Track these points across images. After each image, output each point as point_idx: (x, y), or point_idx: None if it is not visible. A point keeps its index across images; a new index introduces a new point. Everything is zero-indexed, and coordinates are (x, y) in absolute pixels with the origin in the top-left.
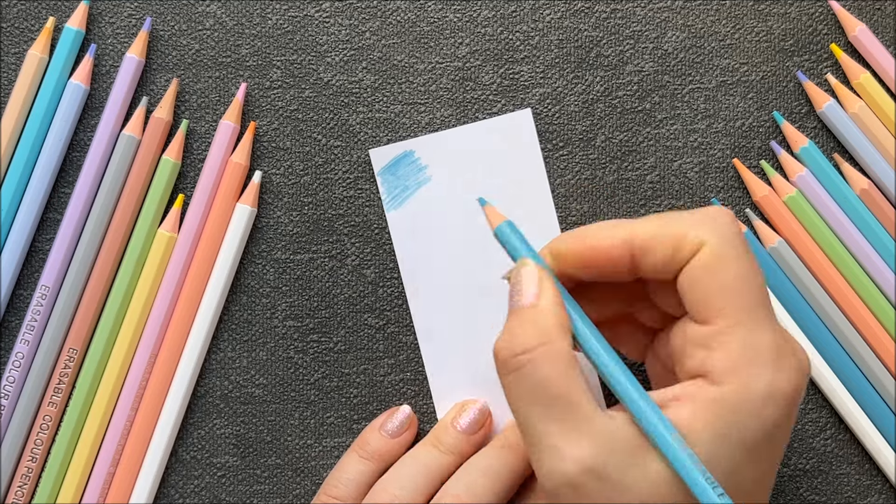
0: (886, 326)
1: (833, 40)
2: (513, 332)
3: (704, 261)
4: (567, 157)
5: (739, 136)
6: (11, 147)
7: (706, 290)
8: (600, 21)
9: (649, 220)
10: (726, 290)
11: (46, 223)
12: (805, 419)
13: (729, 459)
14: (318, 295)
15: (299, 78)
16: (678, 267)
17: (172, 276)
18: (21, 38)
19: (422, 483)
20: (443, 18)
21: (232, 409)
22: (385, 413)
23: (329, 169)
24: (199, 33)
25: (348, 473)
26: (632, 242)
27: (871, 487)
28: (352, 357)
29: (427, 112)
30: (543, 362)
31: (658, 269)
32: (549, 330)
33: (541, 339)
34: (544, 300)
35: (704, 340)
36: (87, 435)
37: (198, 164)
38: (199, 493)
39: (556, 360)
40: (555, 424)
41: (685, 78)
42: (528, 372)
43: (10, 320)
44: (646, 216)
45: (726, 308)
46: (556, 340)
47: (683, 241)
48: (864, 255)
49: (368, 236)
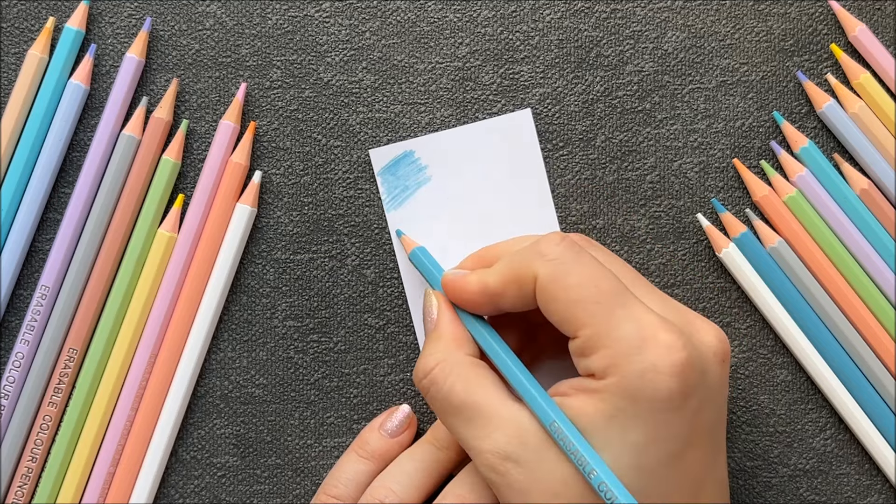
0: (886, 326)
1: (833, 40)
2: (421, 356)
3: (543, 289)
4: (567, 157)
5: (739, 136)
6: (11, 147)
7: (558, 313)
8: (600, 21)
9: (497, 267)
10: (572, 305)
11: (46, 223)
12: (805, 419)
13: (625, 439)
14: (318, 295)
15: (299, 78)
16: (531, 301)
17: (172, 276)
18: (21, 38)
19: (418, 479)
20: (443, 18)
21: (232, 409)
22: (384, 413)
23: (329, 169)
24: (199, 33)
25: (347, 473)
26: (485, 291)
27: (871, 487)
28: (352, 357)
29: (427, 112)
30: (442, 378)
31: (517, 306)
32: (447, 345)
33: (438, 357)
34: (441, 320)
35: (580, 350)
36: (87, 435)
37: (198, 164)
38: (199, 493)
39: (454, 372)
40: (468, 427)
41: (685, 78)
42: (435, 391)
43: (10, 320)
44: (499, 260)
45: (580, 319)
46: (453, 353)
47: (522, 279)
48: (864, 255)
49: (368, 236)
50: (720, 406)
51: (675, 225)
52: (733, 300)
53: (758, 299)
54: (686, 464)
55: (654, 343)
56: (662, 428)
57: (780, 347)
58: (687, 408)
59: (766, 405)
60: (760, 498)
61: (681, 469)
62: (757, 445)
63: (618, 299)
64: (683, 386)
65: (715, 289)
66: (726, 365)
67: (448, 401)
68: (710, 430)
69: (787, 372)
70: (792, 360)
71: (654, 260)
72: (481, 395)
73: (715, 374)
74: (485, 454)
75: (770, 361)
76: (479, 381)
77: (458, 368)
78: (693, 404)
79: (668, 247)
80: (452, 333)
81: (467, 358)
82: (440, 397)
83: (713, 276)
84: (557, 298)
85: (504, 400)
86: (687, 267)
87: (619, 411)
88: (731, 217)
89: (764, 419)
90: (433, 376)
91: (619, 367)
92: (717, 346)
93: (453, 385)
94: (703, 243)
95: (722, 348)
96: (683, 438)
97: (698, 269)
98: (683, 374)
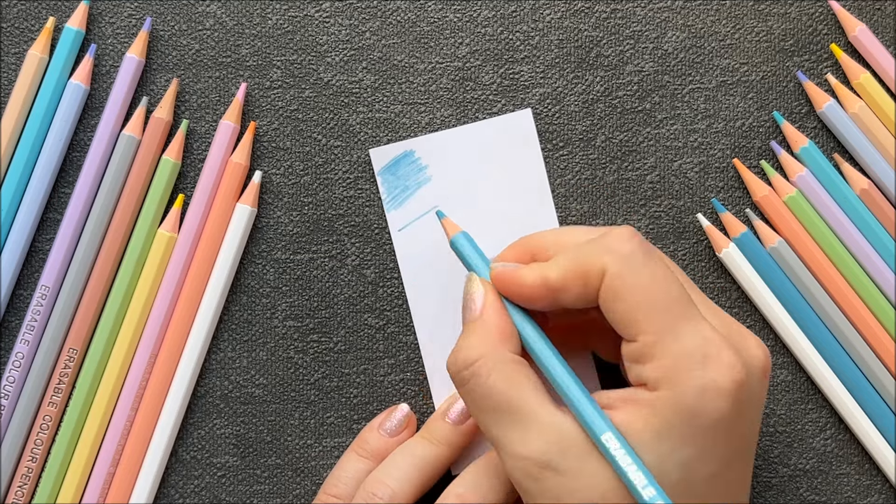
0: (886, 326)
1: (833, 40)
2: (460, 346)
3: (609, 287)
4: (567, 157)
5: (739, 136)
6: (11, 147)
7: (620, 313)
8: (600, 21)
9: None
10: (637, 308)
11: (46, 223)
12: (805, 419)
13: (674, 457)
14: (318, 295)
15: (299, 78)
16: (593, 298)
17: (172, 276)
18: (21, 38)
19: (413, 474)
20: (443, 18)
21: (232, 409)
22: (384, 412)
23: (329, 169)
24: (199, 33)
25: (348, 472)
26: (545, 284)
27: (871, 487)
28: (352, 357)
29: (427, 112)
30: (485, 373)
31: (577, 303)
32: (492, 339)
33: (481, 350)
34: (487, 311)
35: (635, 356)
36: (87, 435)
37: (198, 164)
38: (199, 493)
39: (496, 369)
40: (505, 428)
41: (685, 78)
42: (473, 385)
43: (10, 320)
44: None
45: (643, 323)
46: (497, 349)
47: (588, 275)
48: (864, 255)
49: (368, 236)
50: (759, 421)
51: (675, 225)
52: (733, 300)
53: (758, 299)
54: (728, 480)
55: (717, 361)
56: (712, 446)
57: (780, 347)
58: (737, 428)
59: (766, 405)
60: (760, 498)
61: (723, 485)
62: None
63: (685, 310)
64: (738, 406)
65: (715, 289)
66: (767, 379)
67: (488, 398)
68: (750, 446)
69: (787, 372)
70: (792, 360)
71: None
72: (523, 397)
73: (760, 390)
74: (521, 459)
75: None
76: (522, 380)
77: (502, 365)
78: (743, 423)
79: (668, 247)
80: (498, 326)
81: (511, 355)
82: (479, 393)
83: (713, 276)
84: (624, 298)
85: (545, 404)
86: (687, 267)
87: (670, 427)
88: (731, 217)
89: (764, 419)
90: (475, 369)
91: (676, 380)
92: (763, 361)
93: (495, 382)
94: (703, 243)
95: (767, 363)
96: (730, 456)
97: (698, 269)
98: (740, 394)
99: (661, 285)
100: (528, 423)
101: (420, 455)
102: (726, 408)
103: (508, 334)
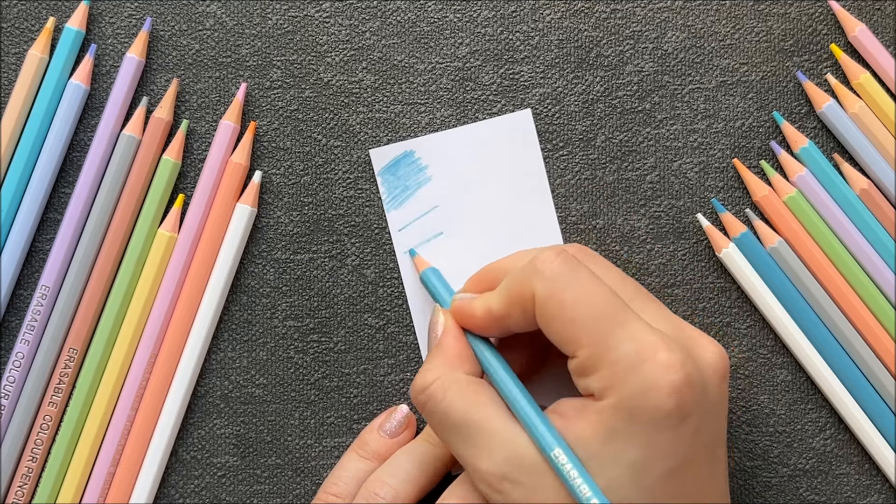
0: (886, 326)
1: (833, 40)
2: (419, 372)
3: (540, 308)
4: (567, 157)
5: (739, 136)
6: (11, 147)
7: (555, 333)
8: (600, 21)
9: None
10: (569, 324)
11: (46, 223)
12: (805, 419)
13: (622, 459)
14: (319, 295)
15: (299, 78)
16: (533, 320)
17: (172, 276)
18: (21, 38)
19: (414, 473)
20: (443, 18)
21: (232, 409)
22: (384, 413)
23: (329, 169)
24: (200, 33)
25: (348, 472)
26: (490, 316)
27: (871, 487)
28: (352, 357)
29: (427, 112)
30: (440, 394)
31: (524, 327)
32: (448, 362)
33: (437, 373)
34: (445, 338)
35: (578, 370)
36: (87, 435)
37: (198, 164)
38: (199, 493)
39: (451, 389)
40: (466, 445)
41: (685, 78)
42: (432, 406)
43: (10, 320)
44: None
45: (578, 339)
46: (453, 370)
47: (523, 300)
48: (864, 255)
49: (368, 236)
50: (720, 421)
51: (675, 225)
52: (733, 300)
53: (758, 299)
54: (685, 479)
55: (653, 363)
56: (660, 446)
57: (780, 347)
58: (685, 426)
59: (766, 405)
60: (760, 498)
61: (680, 485)
62: (757, 445)
63: (616, 318)
64: (681, 404)
65: (715, 289)
66: (726, 381)
67: (446, 417)
68: (709, 446)
69: (787, 372)
70: (792, 360)
71: (654, 260)
72: (479, 414)
73: (714, 391)
74: (482, 473)
75: (770, 361)
76: (478, 398)
77: (457, 385)
78: (692, 422)
79: (668, 247)
80: (454, 350)
81: (466, 376)
82: (437, 413)
83: (713, 276)
84: (555, 317)
85: (502, 419)
86: (687, 267)
87: (616, 432)
88: (731, 217)
89: (764, 419)
90: (431, 392)
91: (616, 387)
92: (717, 362)
93: (451, 402)
94: (703, 243)
95: (722, 365)
96: (682, 455)
97: (698, 269)
98: (681, 393)
99: (588, 299)
100: (485, 438)
101: (420, 454)
102: (668, 406)
103: (464, 357)
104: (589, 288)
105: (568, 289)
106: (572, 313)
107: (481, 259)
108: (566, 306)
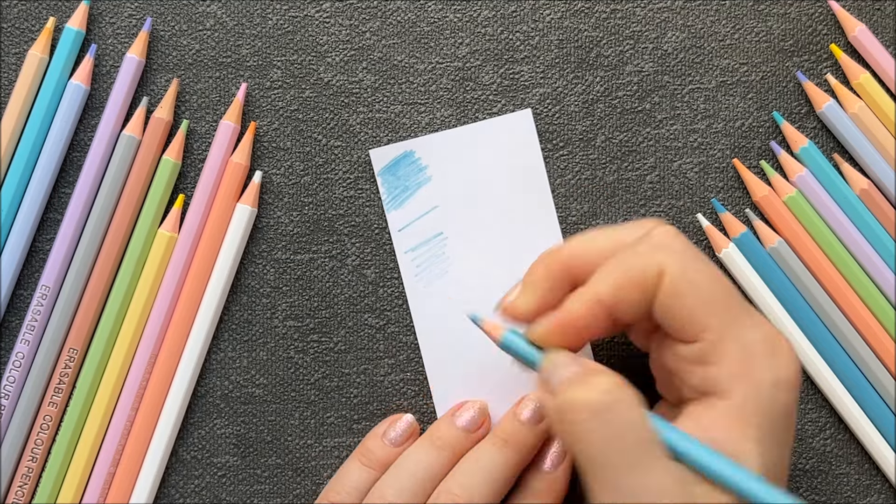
0: (886, 326)
1: (833, 40)
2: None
3: (670, 288)
4: (567, 157)
5: (739, 136)
6: (11, 147)
7: (683, 314)
8: (600, 21)
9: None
10: (701, 307)
11: (46, 223)
12: (805, 419)
13: (770, 457)
14: (319, 295)
15: (299, 78)
16: (650, 303)
17: (172, 276)
18: (21, 38)
19: (419, 483)
20: (443, 18)
21: (232, 409)
22: (387, 420)
23: (329, 169)
24: (200, 33)
25: (351, 481)
26: (599, 304)
27: (870, 487)
28: (352, 357)
29: (427, 112)
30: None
31: (636, 314)
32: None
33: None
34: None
35: (698, 358)
36: (87, 435)
37: (198, 164)
38: (199, 493)
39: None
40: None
41: (685, 78)
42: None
43: (10, 320)
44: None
45: (708, 323)
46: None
47: (644, 280)
48: (864, 255)
49: (368, 236)
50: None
51: (675, 225)
52: None
53: (758, 299)
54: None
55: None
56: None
57: None
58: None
59: None
60: None
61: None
62: None
63: (742, 303)
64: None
65: None
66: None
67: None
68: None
69: None
70: None
71: None
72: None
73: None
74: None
75: None
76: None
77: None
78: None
79: None
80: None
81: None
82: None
83: None
84: (686, 295)
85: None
86: None
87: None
88: (730, 217)
89: None
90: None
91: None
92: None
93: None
94: (702, 243)
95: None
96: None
97: None
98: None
99: (718, 281)
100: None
101: (425, 461)
102: (794, 398)
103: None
104: (714, 270)
105: (701, 269)
106: (706, 294)
107: (481, 259)
108: (699, 286)
